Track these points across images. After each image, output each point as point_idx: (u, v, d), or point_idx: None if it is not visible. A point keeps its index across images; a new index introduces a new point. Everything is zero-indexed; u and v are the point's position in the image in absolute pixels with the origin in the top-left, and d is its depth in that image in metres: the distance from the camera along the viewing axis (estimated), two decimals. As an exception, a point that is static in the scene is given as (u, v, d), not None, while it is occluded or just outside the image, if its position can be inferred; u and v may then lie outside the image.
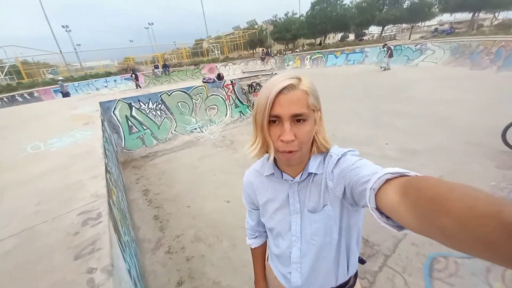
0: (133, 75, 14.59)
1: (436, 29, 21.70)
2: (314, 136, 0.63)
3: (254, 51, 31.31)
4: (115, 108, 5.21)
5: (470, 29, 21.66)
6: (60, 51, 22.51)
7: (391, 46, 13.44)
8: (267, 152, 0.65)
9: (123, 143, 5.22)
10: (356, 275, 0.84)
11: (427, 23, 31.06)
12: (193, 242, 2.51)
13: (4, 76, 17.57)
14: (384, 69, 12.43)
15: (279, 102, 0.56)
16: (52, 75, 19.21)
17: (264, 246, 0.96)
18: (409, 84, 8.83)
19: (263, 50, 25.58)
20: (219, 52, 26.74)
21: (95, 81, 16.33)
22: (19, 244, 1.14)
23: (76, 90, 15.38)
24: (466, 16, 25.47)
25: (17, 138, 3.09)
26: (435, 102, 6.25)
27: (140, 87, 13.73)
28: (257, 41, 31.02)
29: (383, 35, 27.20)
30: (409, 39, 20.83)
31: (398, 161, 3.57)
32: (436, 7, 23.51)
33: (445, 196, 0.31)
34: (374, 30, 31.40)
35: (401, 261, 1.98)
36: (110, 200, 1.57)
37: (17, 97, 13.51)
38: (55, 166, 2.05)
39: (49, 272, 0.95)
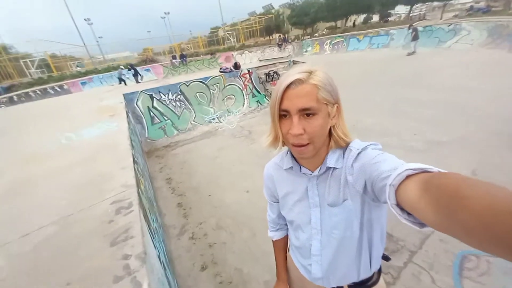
0: (132, 70, 12.68)
1: (471, 7, 19.52)
2: (331, 129, 0.63)
3: (271, 38, 30.42)
4: (137, 99, 5.41)
5: (506, 7, 19.15)
6: (84, 44, 23.51)
7: (418, 27, 12.23)
8: (283, 145, 0.66)
9: (147, 133, 5.44)
10: (380, 271, 0.82)
11: (461, 0, 27.98)
12: (214, 229, 2.61)
13: (35, 69, 18.80)
14: (409, 54, 11.37)
15: (287, 96, 0.57)
16: (79, 68, 20.26)
17: (285, 238, 0.97)
18: (436, 70, 8.11)
19: (280, 36, 24.76)
20: (235, 40, 26.34)
21: (117, 72, 16.95)
22: (59, 231, 1.25)
23: (101, 82, 16.12)
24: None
25: (51, 129, 3.33)
26: (466, 91, 5.71)
27: (140, 82, 12.15)
28: (273, 26, 30.03)
29: (411, 15, 24.98)
30: (441, 18, 18.97)
31: (423, 152, 3.37)
32: (474, -20, 21.00)
33: (465, 193, 0.31)
34: (401, 10, 28.93)
35: (428, 258, 1.91)
36: (139, 190, 1.66)
37: (49, 90, 14.48)
38: (86, 157, 2.20)
39: (88, 258, 1.04)
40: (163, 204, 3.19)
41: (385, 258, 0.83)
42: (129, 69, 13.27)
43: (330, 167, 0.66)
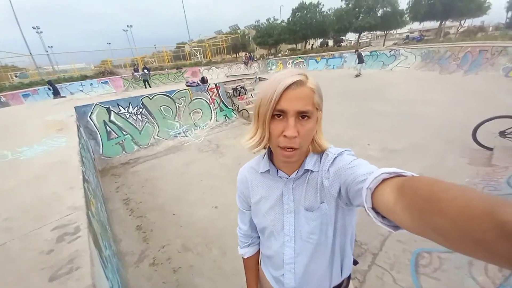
0: (51, 88, 11.22)
1: (407, 36, 23.22)
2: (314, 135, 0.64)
3: (237, 55, 31.40)
4: (91, 112, 4.93)
5: (437, 36, 23.46)
6: (30, 53, 20.99)
7: (362, 53, 13.69)
8: (264, 148, 0.65)
9: (101, 150, 4.93)
10: (349, 277, 0.84)
11: (399, 30, 33.18)
12: (180, 252, 2.40)
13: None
14: (356, 76, 12.35)
15: (286, 96, 0.55)
16: (19, 79, 17.84)
17: (257, 255, 0.92)
18: (385, 87, 9.30)
19: (246, 54, 25.72)
20: (202, 56, 26.47)
21: (69, 84, 15.35)
22: (-18, 268, 1.01)
23: (48, 94, 14.36)
24: (434, 24, 27.57)
25: (-22, 147, 2.79)
26: (410, 103, 6.63)
27: (60, 96, 10.83)
28: (240, 45, 31.16)
29: (359, 41, 28.56)
30: (383, 45, 22.06)
31: (380, 160, 3.72)
32: (406, 15, 25.22)
33: (440, 197, 0.31)
34: (351, 36, 32.87)
35: (389, 259, 2.03)
36: (89, 212, 1.46)
37: (-20, 103, 12.33)
38: (24, 178, 1.87)
39: (19, 298, 0.84)
40: (119, 229, 2.85)
41: (354, 262, 0.84)
42: (49, 88, 11.47)
43: (308, 170, 0.66)
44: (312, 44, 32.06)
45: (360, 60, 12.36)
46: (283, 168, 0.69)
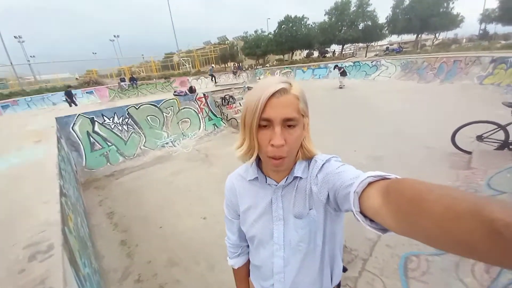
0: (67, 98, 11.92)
1: (387, 48, 24.56)
2: (302, 141, 0.63)
3: (226, 65, 31.82)
4: (74, 123, 4.76)
5: (415, 48, 24.98)
6: (11, 62, 20.22)
7: (342, 66, 13.77)
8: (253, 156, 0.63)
9: (84, 162, 4.73)
10: (339, 285, 0.82)
11: (379, 43, 35.11)
12: (166, 266, 2.29)
13: None
14: (340, 87, 12.31)
15: (270, 105, 0.54)
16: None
17: (247, 265, 0.89)
18: (368, 96, 9.67)
19: (235, 64, 26.11)
20: (191, 66, 26.58)
21: (52, 95, 14.84)
22: None
23: (28, 105, 13.79)
24: (411, 37, 29.37)
25: None
26: (391, 112, 6.90)
27: (76, 105, 11.61)
28: (228, 55, 31.69)
29: (343, 52, 29.83)
30: (366, 56, 23.17)
31: (365, 167, 3.79)
32: (386, 29, 26.77)
33: (424, 197, 0.32)
34: (335, 48, 34.29)
35: (378, 264, 2.03)
36: (66, 228, 1.37)
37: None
38: (-4, 191, 1.75)
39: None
40: (102, 244, 2.69)
41: (342, 269, 0.83)
42: (66, 99, 11.92)
43: (297, 177, 0.65)
44: (298, 55, 33.11)
45: (343, 73, 12.41)
46: (272, 175, 0.68)
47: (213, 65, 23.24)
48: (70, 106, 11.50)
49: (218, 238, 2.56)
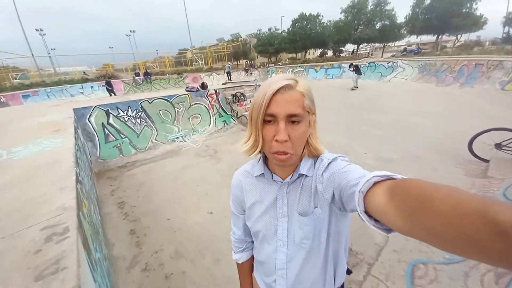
0: (108, 87, 13.14)
1: (405, 49, 23.66)
2: (307, 139, 0.63)
3: (238, 63, 31.86)
4: (90, 115, 4.93)
5: (434, 49, 23.97)
6: (32, 54, 21.16)
7: (358, 64, 13.14)
8: (259, 152, 0.64)
9: (98, 152, 4.90)
10: (342, 286, 0.82)
11: (397, 43, 33.96)
12: (173, 258, 2.36)
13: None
14: (353, 89, 11.80)
15: (275, 101, 0.55)
16: (20, 80, 17.90)
17: (251, 260, 0.91)
18: (383, 97, 9.41)
19: (247, 62, 26.08)
20: (203, 62, 26.80)
21: (70, 87, 15.44)
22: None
23: (47, 95, 14.41)
24: (431, 38, 28.21)
25: (-27, 146, 2.77)
26: (407, 114, 6.70)
27: (115, 95, 12.80)
28: (241, 53, 31.68)
29: (358, 52, 29.12)
30: (382, 57, 22.48)
31: (375, 168, 3.71)
32: (404, 29, 25.83)
33: (430, 196, 0.31)
34: (350, 48, 33.53)
35: (384, 269, 2.00)
36: (80, 213, 1.43)
37: (-21, 102, 12.34)
38: (17, 177, 1.85)
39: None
40: (112, 233, 2.80)
41: (347, 271, 0.83)
42: (107, 87, 13.31)
43: (302, 175, 0.66)
44: (312, 53, 32.62)
45: (358, 72, 11.92)
46: (278, 172, 0.69)
47: (229, 63, 23.33)
48: (110, 95, 12.60)
49: (224, 233, 2.60)
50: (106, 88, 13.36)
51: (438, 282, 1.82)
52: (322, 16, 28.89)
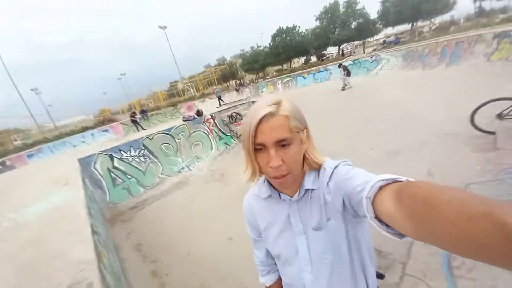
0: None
1: (384, 41, 24.43)
2: (304, 154, 0.64)
3: (228, 84, 32.74)
4: (95, 162, 5.00)
5: (412, 36, 24.68)
6: (31, 114, 21.92)
7: (347, 65, 13.14)
8: (261, 175, 0.65)
9: (108, 197, 4.90)
10: None
11: (375, 37, 35.06)
12: (199, 293, 2.28)
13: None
14: (343, 89, 11.70)
15: (261, 130, 0.56)
16: (22, 141, 18.36)
17: (280, 282, 0.88)
18: (374, 91, 9.53)
19: (236, 81, 26.81)
20: (195, 90, 27.59)
21: (71, 138, 15.82)
22: None
23: (51, 150, 14.69)
24: (406, 26, 29.12)
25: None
26: (401, 104, 6.72)
27: (144, 129, 14.12)
28: (229, 74, 32.70)
29: (343, 51, 29.95)
30: (364, 53, 23.08)
31: (386, 163, 3.67)
32: (379, 23, 26.80)
33: (437, 200, 0.32)
34: (332, 50, 34.56)
35: (419, 266, 1.91)
36: (101, 265, 1.41)
37: (-13, 169, 12.56)
38: (34, 236, 1.85)
39: None
40: (134, 277, 2.72)
41: (379, 276, 0.81)
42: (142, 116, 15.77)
43: (308, 189, 0.66)
44: (297, 62, 33.58)
45: (347, 73, 11.86)
46: (284, 190, 0.69)
47: (218, 87, 23.99)
48: (138, 130, 13.96)
49: (247, 258, 2.52)
50: (132, 122, 14.92)
51: (476, 269, 1.73)
52: (299, 26, 30.20)
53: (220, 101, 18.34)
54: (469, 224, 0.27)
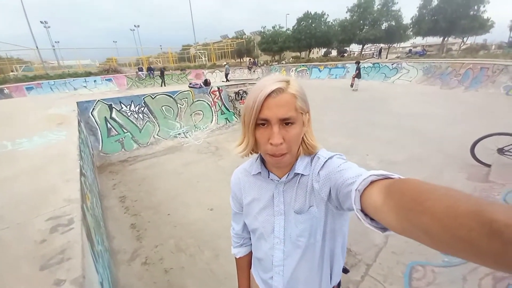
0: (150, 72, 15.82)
1: (410, 50, 23.43)
2: (302, 137, 0.64)
3: (242, 60, 31.74)
4: (93, 109, 4.95)
5: (440, 52, 23.75)
6: (37, 46, 21.21)
7: (361, 66, 12.72)
8: (255, 152, 0.66)
9: (100, 146, 4.93)
10: (339, 284, 0.83)
11: (402, 44, 33.68)
12: (173, 252, 2.38)
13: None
14: (354, 90, 11.55)
15: (267, 105, 0.56)
16: (24, 72, 17.98)
17: (249, 256, 0.93)
18: (387, 98, 9.37)
19: (250, 59, 26.01)
20: (207, 59, 26.75)
21: (73, 80, 15.49)
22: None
23: (51, 88, 14.47)
24: (436, 40, 27.92)
25: (-22, 137, 2.80)
26: (410, 116, 6.67)
27: (165, 85, 14.92)
28: (244, 50, 31.55)
29: (363, 53, 28.91)
30: (386, 58, 22.30)
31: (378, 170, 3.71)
32: (410, 30, 25.59)
33: (426, 196, 0.32)
34: (354, 48, 33.29)
35: (382, 270, 2.01)
36: (84, 205, 1.45)
37: (-17, 93, 12.41)
38: (23, 168, 1.87)
39: (11, 286, 0.84)
40: (112, 226, 2.83)
41: (344, 270, 0.85)
42: (148, 73, 16.16)
43: (298, 174, 0.66)
44: (317, 52, 32.39)
45: (358, 75, 11.69)
46: (274, 171, 0.70)
47: (231, 61, 23.26)
48: (164, 85, 14.54)
49: (225, 230, 2.62)
50: (159, 76, 15.66)
51: (436, 284, 1.83)
52: (328, 15, 28.69)
53: (226, 78, 17.88)
54: (455, 222, 0.27)
